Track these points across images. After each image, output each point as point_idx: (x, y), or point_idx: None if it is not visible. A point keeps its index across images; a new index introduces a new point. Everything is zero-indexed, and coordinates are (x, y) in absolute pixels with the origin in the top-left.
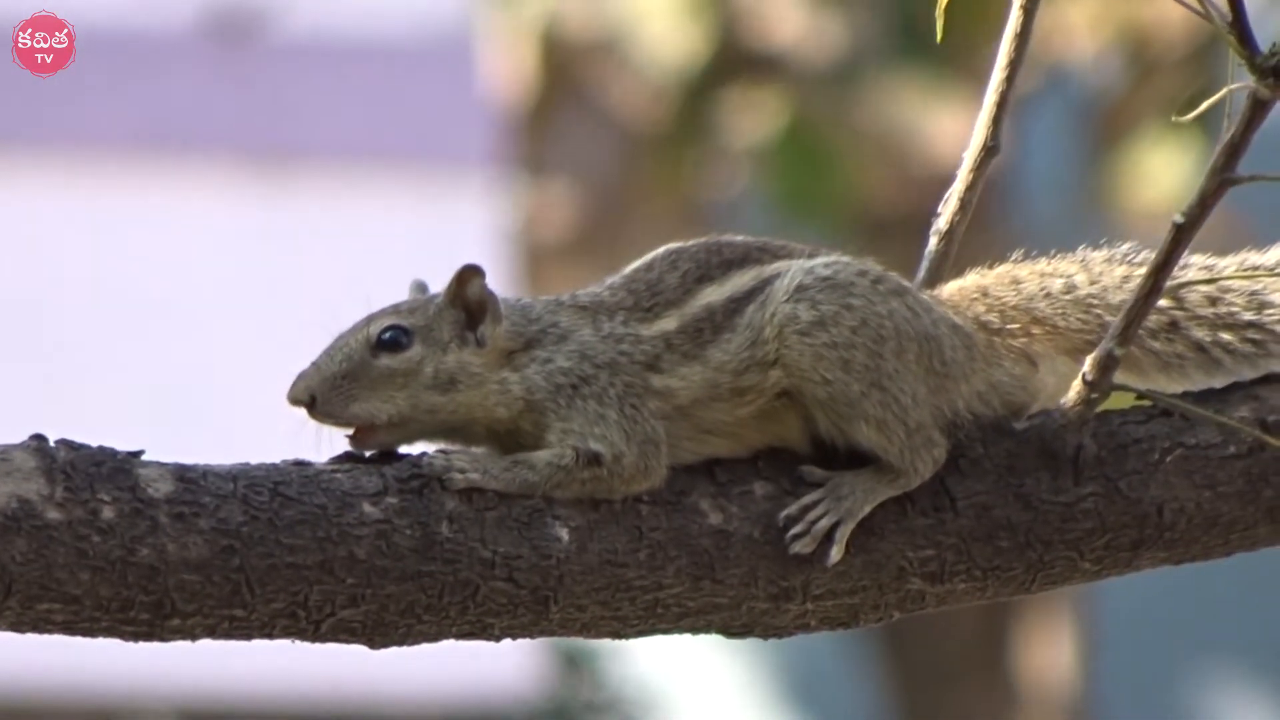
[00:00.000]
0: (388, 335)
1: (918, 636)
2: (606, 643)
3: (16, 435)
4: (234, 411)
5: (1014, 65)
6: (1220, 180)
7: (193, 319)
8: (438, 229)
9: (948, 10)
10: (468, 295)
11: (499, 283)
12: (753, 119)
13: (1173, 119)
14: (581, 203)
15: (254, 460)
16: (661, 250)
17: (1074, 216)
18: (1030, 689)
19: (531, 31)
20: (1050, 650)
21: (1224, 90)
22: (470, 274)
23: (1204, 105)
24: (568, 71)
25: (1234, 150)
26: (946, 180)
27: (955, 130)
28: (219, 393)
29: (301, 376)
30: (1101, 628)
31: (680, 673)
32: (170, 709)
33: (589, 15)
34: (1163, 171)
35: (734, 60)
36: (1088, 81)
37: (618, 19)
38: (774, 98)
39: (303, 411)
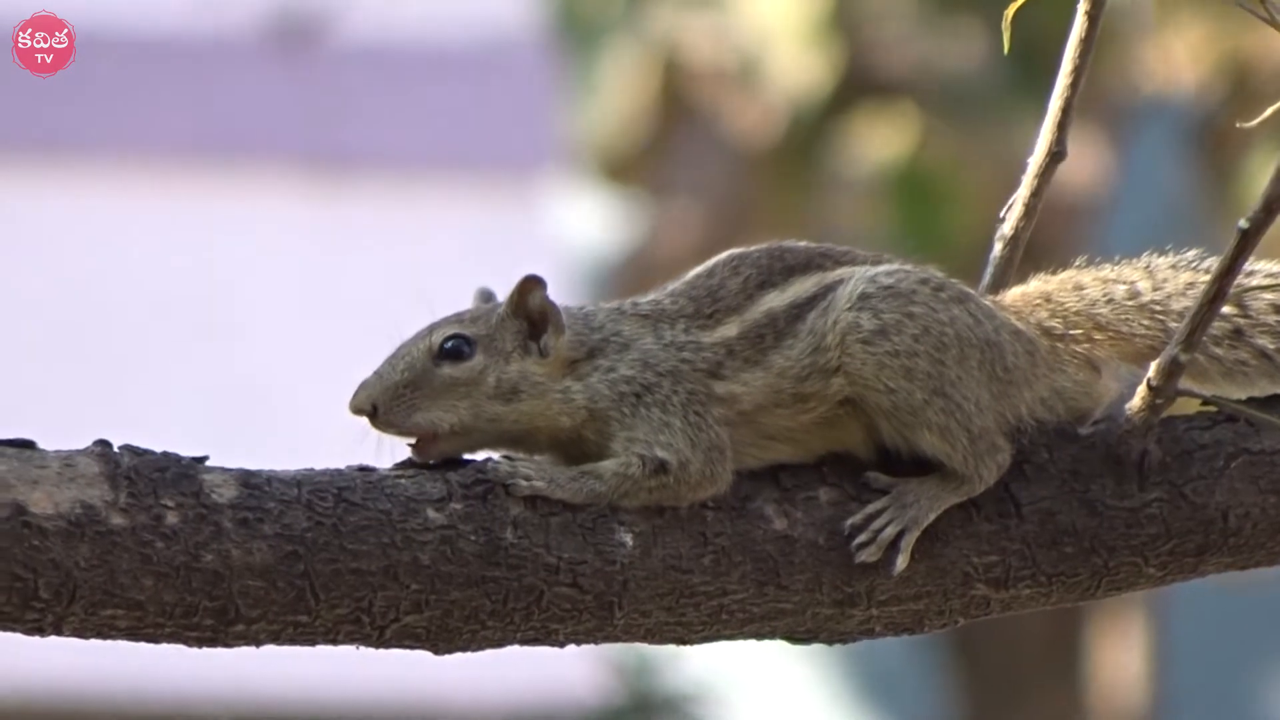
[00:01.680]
0: (450, 344)
1: (988, 641)
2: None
3: (79, 440)
4: (297, 417)
5: (1079, 71)
6: None
7: (254, 324)
8: (498, 234)
9: (1055, 40)
10: (530, 306)
11: (562, 288)
12: (873, 148)
13: (1237, 124)
14: (702, 222)
15: (318, 466)
16: (723, 256)
17: (1175, 243)
18: (1101, 695)
19: (652, 57)
20: (1121, 656)
21: None
22: (532, 284)
23: (1268, 111)
24: (687, 97)
25: None
26: (1067, 209)
27: (1073, 161)
28: (281, 398)
29: (363, 386)
30: (1173, 634)
31: (745, 675)
32: (228, 714)
33: (714, 42)
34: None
35: (857, 87)
36: (1191, 110)
37: (743, 46)
38: (894, 127)
39: (365, 420)
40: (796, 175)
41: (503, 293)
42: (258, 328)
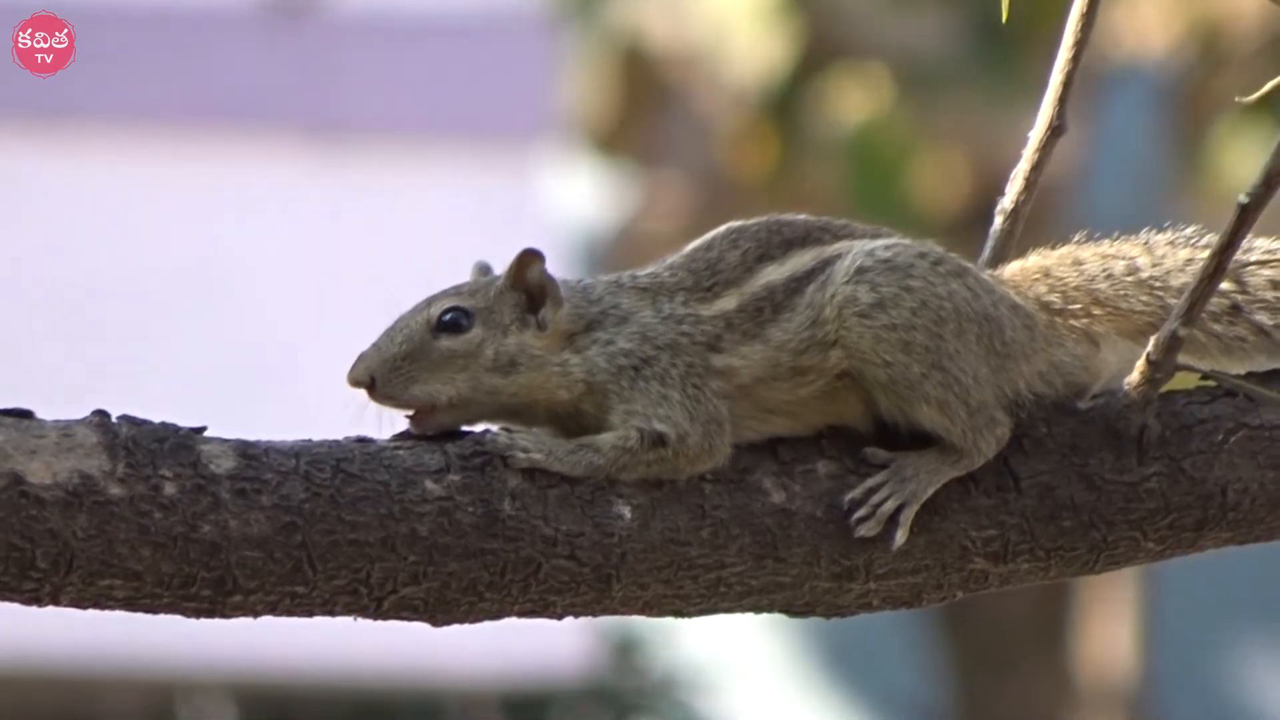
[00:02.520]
0: (448, 317)
1: (975, 617)
2: (658, 625)
3: (78, 411)
4: (295, 387)
5: (1080, 45)
6: None
7: (252, 295)
8: (496, 204)
9: (1022, 17)
10: (528, 279)
11: (559, 258)
12: (838, 111)
13: (1236, 99)
14: (689, 190)
15: (316, 436)
16: (722, 229)
17: (1148, 209)
18: (1088, 670)
19: (614, 45)
20: (1108, 632)
21: None
22: (531, 258)
23: (1268, 85)
24: (652, 83)
25: None
26: (1041, 181)
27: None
28: (279, 367)
29: (362, 358)
30: (1160, 609)
31: (732, 654)
32: (225, 685)
33: (672, 30)
34: (1238, 163)
35: (818, 64)
36: (1162, 76)
37: (701, 33)
38: (858, 92)
39: (363, 393)
40: (770, 141)
41: (500, 265)
42: (255, 298)
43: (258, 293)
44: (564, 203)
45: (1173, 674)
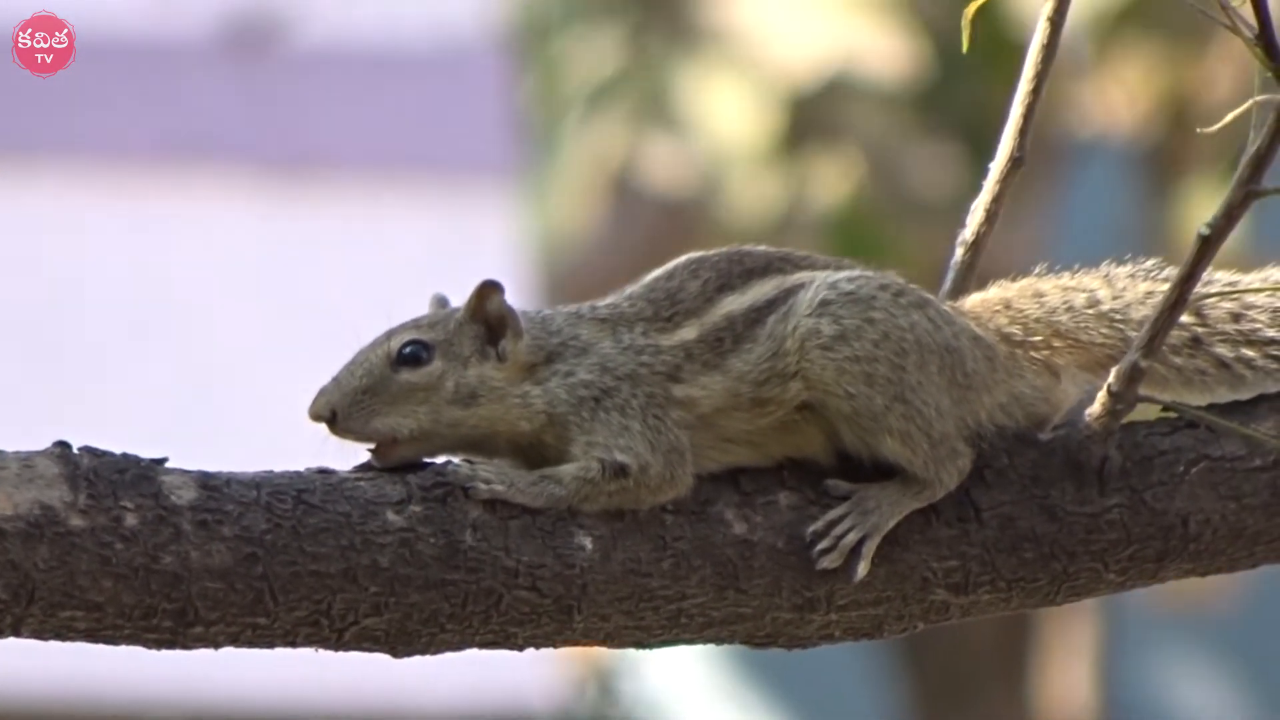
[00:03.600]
0: (408, 350)
1: (935, 651)
2: (622, 655)
3: (39, 442)
4: (255, 419)
5: (1040, 77)
6: (1245, 192)
7: (212, 327)
8: (456, 238)
9: (975, 86)
10: (488, 310)
11: (518, 290)
12: (818, 190)
13: (1197, 130)
14: (652, 223)
15: (277, 468)
16: (683, 259)
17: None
18: (1047, 704)
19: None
20: (1068, 666)
21: (1249, 102)
22: (490, 289)
23: (1229, 116)
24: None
25: (1260, 162)
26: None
27: (1014, 221)
28: (240, 401)
29: (322, 392)
30: (1120, 644)
31: (690, 684)
32: (186, 716)
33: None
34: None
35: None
36: (1131, 147)
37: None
38: (837, 170)
39: (324, 427)
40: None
41: (459, 298)
42: (215, 331)
43: (218, 326)
44: (524, 235)
45: (1132, 707)
